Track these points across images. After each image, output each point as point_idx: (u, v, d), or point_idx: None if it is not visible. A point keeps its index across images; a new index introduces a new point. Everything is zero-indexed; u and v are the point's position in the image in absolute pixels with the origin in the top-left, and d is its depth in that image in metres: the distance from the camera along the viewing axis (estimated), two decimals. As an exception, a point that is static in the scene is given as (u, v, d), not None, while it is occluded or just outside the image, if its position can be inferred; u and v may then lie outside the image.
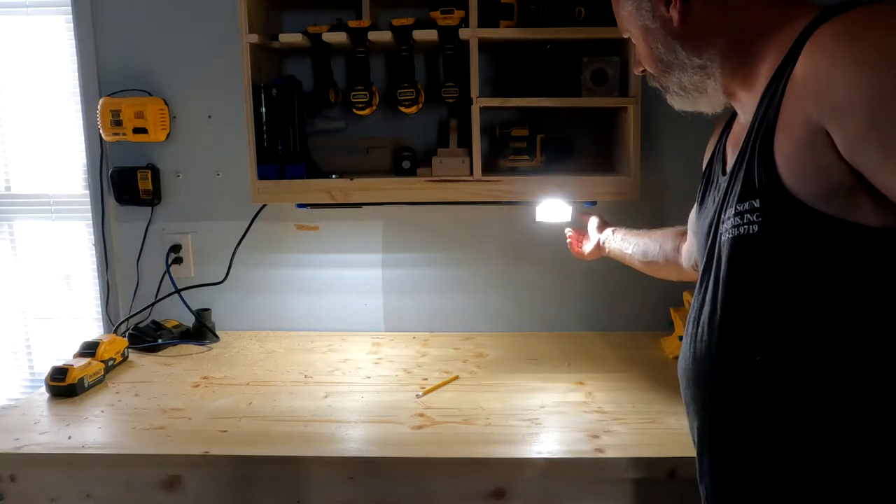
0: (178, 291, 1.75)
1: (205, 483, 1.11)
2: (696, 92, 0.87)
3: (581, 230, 1.53)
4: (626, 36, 0.93)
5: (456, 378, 1.42)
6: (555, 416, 1.23)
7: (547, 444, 1.11)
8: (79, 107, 1.75)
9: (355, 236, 1.77)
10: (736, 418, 0.80)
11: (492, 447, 1.10)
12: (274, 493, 1.10)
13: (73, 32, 1.72)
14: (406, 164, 1.53)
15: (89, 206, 1.79)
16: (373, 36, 1.44)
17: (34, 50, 1.82)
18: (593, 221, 1.48)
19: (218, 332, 1.74)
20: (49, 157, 1.86)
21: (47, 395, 1.35)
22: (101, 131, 1.67)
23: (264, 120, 1.44)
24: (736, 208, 0.78)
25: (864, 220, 0.69)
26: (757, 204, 0.75)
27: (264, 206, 1.71)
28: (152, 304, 1.78)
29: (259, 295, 1.80)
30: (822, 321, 0.72)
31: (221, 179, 1.75)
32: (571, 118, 1.61)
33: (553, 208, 1.54)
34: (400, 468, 1.09)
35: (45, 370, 1.38)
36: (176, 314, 1.75)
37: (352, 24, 1.43)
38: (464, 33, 1.39)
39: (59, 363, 1.37)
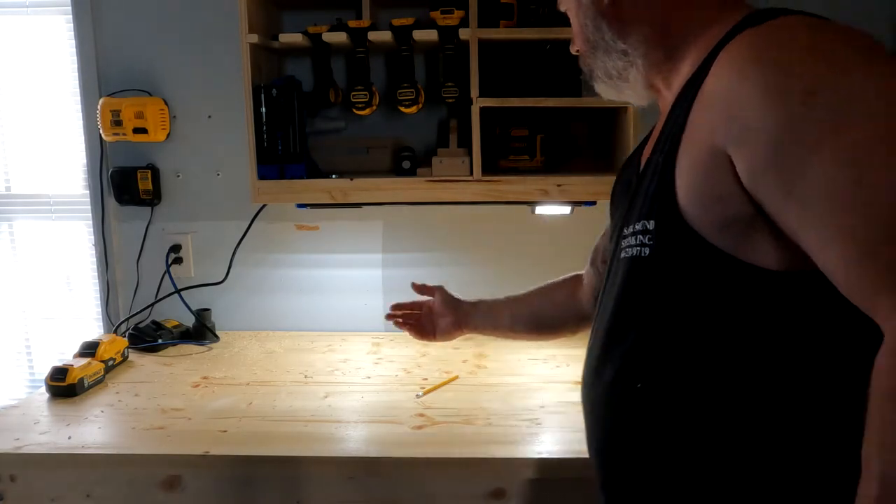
0: (178, 291, 1.75)
1: (205, 483, 1.11)
2: (619, 80, 0.81)
3: (417, 305, 1.32)
4: (562, 9, 0.86)
5: (456, 378, 1.42)
6: (555, 416, 1.22)
7: (547, 444, 1.11)
8: (79, 107, 1.75)
9: (355, 236, 1.77)
10: (621, 446, 0.76)
11: (492, 447, 1.10)
12: (274, 493, 1.10)
13: (73, 32, 1.72)
14: (406, 164, 1.53)
15: (89, 206, 1.79)
16: (373, 36, 1.44)
17: (34, 50, 1.82)
18: (438, 297, 1.28)
19: (218, 332, 1.74)
20: (49, 157, 1.86)
21: (47, 395, 1.35)
22: (101, 131, 1.67)
23: (264, 120, 1.44)
24: (633, 227, 0.73)
25: (759, 261, 0.64)
26: (651, 226, 0.70)
27: (264, 206, 1.71)
28: (152, 304, 1.77)
29: (259, 295, 1.80)
30: (705, 359, 0.68)
31: (221, 179, 1.75)
32: (571, 118, 1.61)
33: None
34: (400, 468, 1.09)
35: (46, 370, 1.38)
36: (176, 314, 1.75)
37: (352, 24, 1.43)
38: (464, 33, 1.39)
39: (59, 363, 1.37)
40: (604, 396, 0.78)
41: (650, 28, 0.76)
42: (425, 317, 1.31)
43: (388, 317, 1.33)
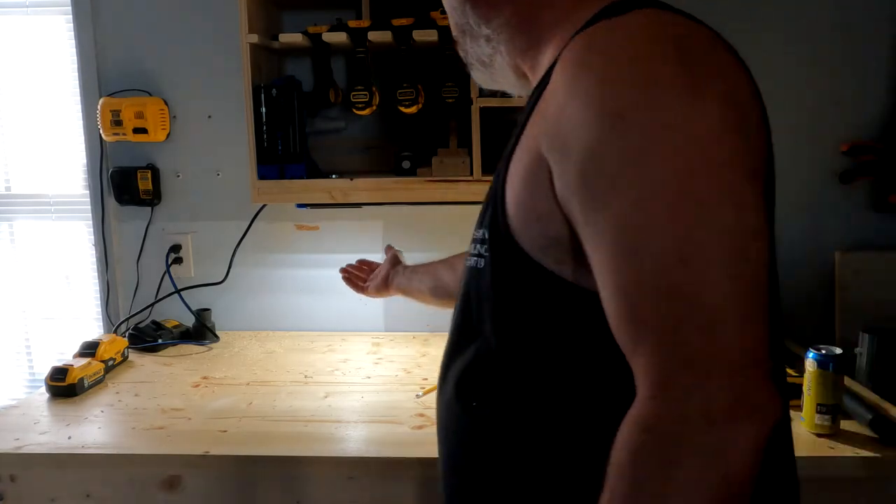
0: (178, 291, 1.75)
1: (205, 483, 1.11)
2: (490, 67, 0.76)
3: (371, 264, 1.44)
4: None
5: (456, 378, 1.41)
6: (555, 416, 1.22)
7: (547, 444, 1.11)
8: (79, 107, 1.75)
9: (355, 236, 1.77)
10: (462, 466, 0.72)
11: (492, 447, 1.10)
12: (274, 493, 1.10)
13: (73, 32, 1.72)
14: (406, 164, 1.53)
15: (89, 206, 1.79)
16: (373, 36, 1.44)
17: (34, 50, 1.82)
18: (388, 257, 1.36)
19: (218, 332, 1.74)
20: (49, 157, 1.86)
21: (47, 395, 1.35)
22: (101, 131, 1.67)
23: (264, 120, 1.44)
24: (476, 233, 0.69)
25: (582, 282, 0.59)
26: (486, 236, 0.66)
27: (264, 206, 1.71)
28: (152, 304, 1.78)
29: (259, 295, 1.80)
30: (535, 379, 0.64)
31: (221, 179, 1.75)
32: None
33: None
34: (400, 468, 1.09)
35: (46, 370, 1.38)
36: (176, 314, 1.75)
37: (352, 24, 1.43)
38: (464, 33, 1.39)
39: (59, 363, 1.37)
40: (445, 412, 0.74)
41: (513, 12, 0.70)
42: (374, 274, 1.39)
43: (343, 269, 1.43)
